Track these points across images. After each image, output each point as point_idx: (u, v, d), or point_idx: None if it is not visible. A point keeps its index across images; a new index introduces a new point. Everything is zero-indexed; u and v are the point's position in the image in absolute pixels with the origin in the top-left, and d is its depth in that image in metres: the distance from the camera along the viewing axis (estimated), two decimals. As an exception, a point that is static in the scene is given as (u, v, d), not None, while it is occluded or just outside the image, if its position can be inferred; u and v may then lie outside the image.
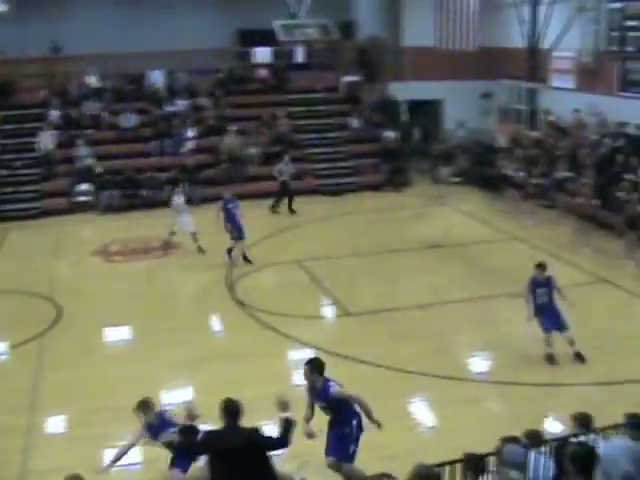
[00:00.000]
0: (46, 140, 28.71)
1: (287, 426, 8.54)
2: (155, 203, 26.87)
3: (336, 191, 28.54)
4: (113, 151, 29.07)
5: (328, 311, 17.65)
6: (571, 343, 14.16)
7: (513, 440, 7.87)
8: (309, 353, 14.87)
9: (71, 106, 30.51)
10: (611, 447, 6.61)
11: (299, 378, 13.93)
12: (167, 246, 22.23)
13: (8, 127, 29.89)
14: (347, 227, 24.40)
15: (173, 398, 13.21)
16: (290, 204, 26.03)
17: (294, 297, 18.10)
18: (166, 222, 21.96)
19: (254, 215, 25.20)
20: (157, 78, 31.85)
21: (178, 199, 22.24)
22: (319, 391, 10.29)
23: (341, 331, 16.45)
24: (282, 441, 8.60)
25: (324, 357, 14.54)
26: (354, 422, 10.48)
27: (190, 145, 29.33)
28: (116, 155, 28.89)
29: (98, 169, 27.93)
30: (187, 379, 13.95)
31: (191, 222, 21.71)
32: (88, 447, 11.14)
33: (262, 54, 32.98)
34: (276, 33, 33.48)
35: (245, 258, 20.40)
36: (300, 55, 33.45)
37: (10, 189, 27.85)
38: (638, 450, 6.55)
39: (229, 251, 20.43)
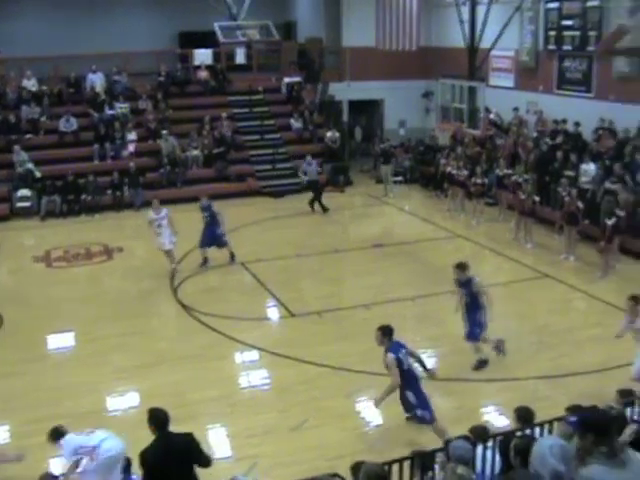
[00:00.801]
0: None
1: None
2: (97, 207, 26.64)
3: (278, 192, 28.51)
4: (53, 156, 28.65)
5: (273, 312, 17.61)
6: (476, 350, 14.09)
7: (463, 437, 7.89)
8: (254, 355, 14.88)
9: (8, 110, 30.01)
10: (540, 445, 6.68)
11: (245, 380, 13.99)
12: (111, 250, 22.05)
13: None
14: (290, 228, 24.38)
15: (119, 404, 13.11)
16: (320, 202, 26.14)
17: (239, 299, 18.05)
18: (108, 226, 21.72)
19: (195, 219, 25.10)
20: (97, 81, 31.47)
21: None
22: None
23: (286, 332, 16.43)
24: (208, 461, 8.55)
25: (269, 359, 14.64)
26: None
27: (131, 148, 29.08)
28: (56, 160, 28.49)
29: (38, 174, 27.52)
30: (133, 385, 13.81)
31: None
32: (32, 457, 10.96)
33: (203, 56, 32.81)
34: (216, 35, 33.39)
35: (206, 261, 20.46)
36: (241, 56, 33.36)
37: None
38: (568, 448, 6.63)
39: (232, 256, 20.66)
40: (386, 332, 11.51)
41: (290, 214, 25.87)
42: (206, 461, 8.50)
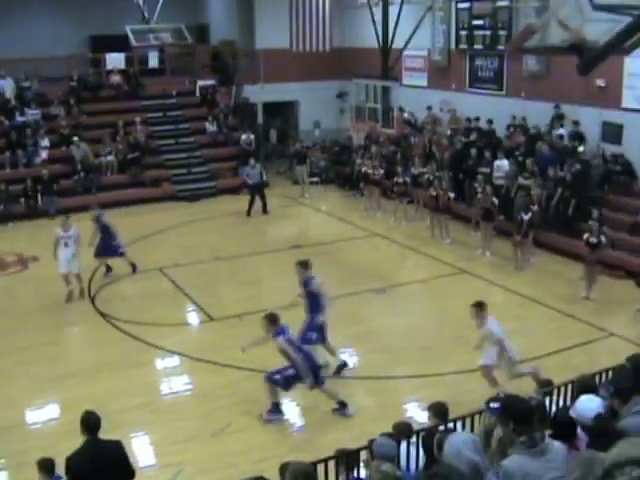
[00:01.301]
0: None
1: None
2: (10, 216, 26.06)
3: (194, 196, 28.32)
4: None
5: (192, 317, 17.47)
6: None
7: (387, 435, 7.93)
8: (175, 361, 14.75)
9: None
10: (453, 441, 6.79)
11: (166, 387, 13.84)
12: (26, 260, 21.63)
13: None
14: (207, 232, 24.18)
15: (38, 417, 12.85)
16: (264, 204, 26.02)
17: (157, 305, 17.85)
18: (22, 235, 21.30)
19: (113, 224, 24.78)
20: (6, 87, 30.81)
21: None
22: None
23: (206, 337, 16.32)
24: (132, 471, 8.37)
25: (190, 364, 14.52)
26: None
27: (44, 155, 28.53)
28: (-35, 168, 27.87)
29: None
30: (51, 397, 13.55)
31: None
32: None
33: (115, 60, 32.41)
34: (130, 38, 33.02)
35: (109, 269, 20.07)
36: (154, 60, 33.05)
37: None
38: (479, 440, 6.78)
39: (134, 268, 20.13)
40: (272, 319, 12.17)
41: (206, 218, 25.72)
42: (131, 472, 8.34)
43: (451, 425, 8.17)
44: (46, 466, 8.75)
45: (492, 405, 7.33)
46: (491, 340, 12.27)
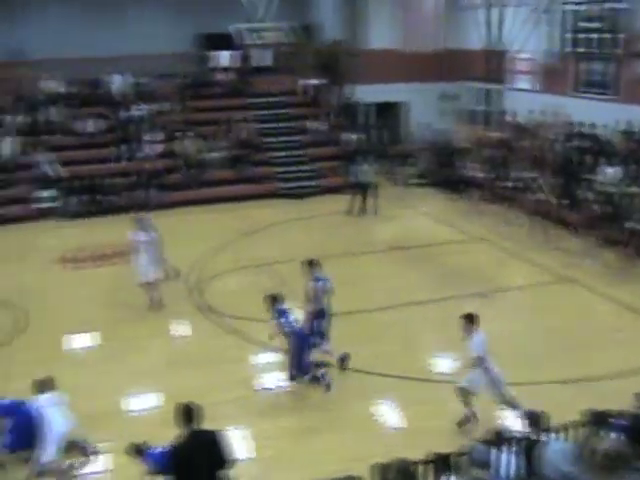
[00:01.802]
0: (6, 146, 28.44)
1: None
2: (117, 208, 26.72)
3: (297, 194, 28.51)
4: (75, 157, 28.83)
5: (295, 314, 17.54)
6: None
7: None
8: (273, 357, 14.85)
9: (32, 111, 30.24)
10: (549, 450, 6.67)
11: (263, 382, 13.96)
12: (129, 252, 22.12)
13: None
14: (309, 230, 24.37)
15: (138, 405, 13.15)
16: (364, 203, 25.98)
17: (258, 301, 17.94)
18: (130, 227, 21.59)
19: (218, 219, 25.24)
20: (118, 83, 31.67)
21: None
22: None
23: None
24: (232, 460, 8.65)
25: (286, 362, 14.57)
26: None
27: (151, 150, 29.18)
28: (78, 161, 28.65)
29: (60, 175, 27.70)
30: (151, 386, 13.87)
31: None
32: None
33: (224, 58, 32.93)
34: (237, 37, 33.43)
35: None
36: (261, 59, 33.41)
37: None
38: (575, 450, 6.65)
39: None
40: (274, 299, 13.44)
41: (309, 216, 25.88)
42: (230, 460, 8.58)
43: (546, 434, 8.07)
44: (137, 449, 9.22)
45: (618, 422, 7.14)
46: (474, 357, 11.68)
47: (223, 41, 33.40)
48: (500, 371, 11.80)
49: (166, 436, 8.69)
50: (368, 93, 32.49)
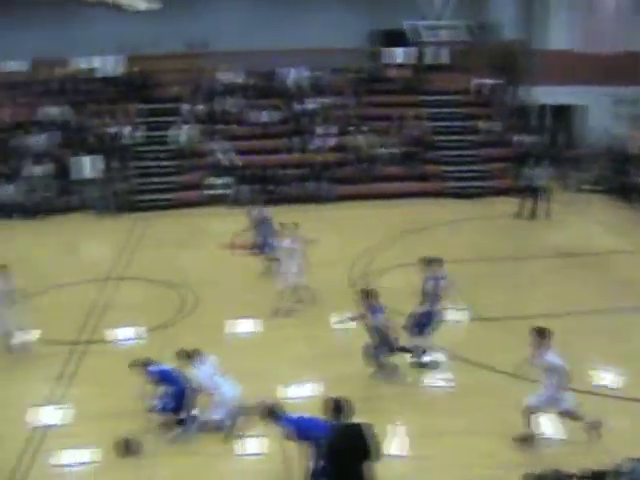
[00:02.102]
0: (183, 134, 29.61)
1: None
2: (289, 199, 27.42)
3: (466, 194, 28.41)
4: (250, 147, 29.78)
5: (455, 314, 17.55)
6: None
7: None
8: (437, 356, 14.95)
9: (210, 101, 31.38)
10: None
11: (425, 379, 14.07)
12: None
13: (149, 120, 31.07)
14: (475, 231, 24.21)
15: (300, 392, 13.55)
16: (535, 207, 25.59)
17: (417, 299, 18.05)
18: (300, 218, 22.07)
19: (384, 215, 25.44)
20: (294, 76, 32.43)
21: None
22: None
23: (464, 335, 16.40)
24: (379, 453, 8.92)
25: (450, 361, 14.67)
26: None
27: (324, 143, 29.72)
28: (252, 150, 29.60)
29: (234, 164, 28.62)
30: (315, 374, 14.21)
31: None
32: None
33: (400, 54, 33.15)
34: (412, 33, 33.53)
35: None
36: (437, 56, 33.43)
37: (147, 180, 28.94)
38: None
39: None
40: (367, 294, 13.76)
41: (476, 217, 25.77)
42: (377, 453, 8.83)
43: None
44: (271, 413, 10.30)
45: None
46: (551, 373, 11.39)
47: (398, 37, 33.62)
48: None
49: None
50: (543, 94, 31.99)
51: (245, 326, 16.72)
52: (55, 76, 32.47)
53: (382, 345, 13.68)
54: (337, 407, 8.86)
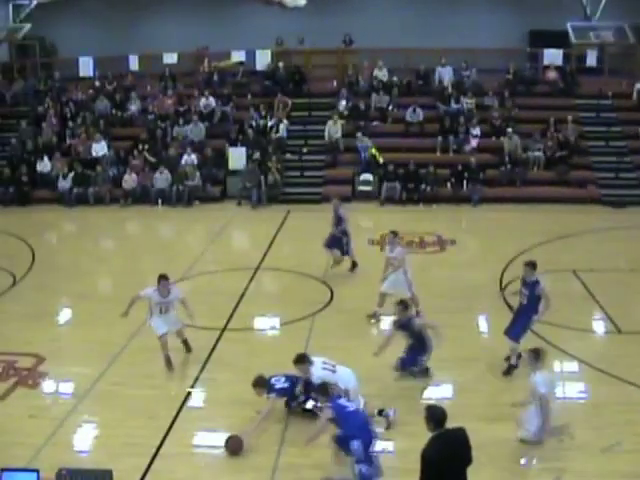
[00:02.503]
0: (333, 129, 29.80)
1: None
2: (435, 198, 27.31)
3: (620, 202, 27.43)
4: (397, 144, 29.78)
5: (599, 326, 17.07)
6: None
7: None
8: (574, 366, 14.57)
9: (359, 97, 31.50)
10: None
11: (560, 391, 13.71)
12: (444, 242, 22.52)
13: (297, 114, 31.39)
14: (628, 241, 23.24)
15: (432, 394, 13.45)
16: None
17: (565, 307, 17.58)
18: (444, 218, 21.89)
19: (530, 220, 24.98)
20: (445, 75, 32.22)
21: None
22: None
23: (609, 348, 15.88)
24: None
25: (589, 373, 14.24)
26: None
27: (474, 144, 29.41)
28: (400, 148, 29.56)
29: (381, 161, 28.66)
30: (449, 376, 14.13)
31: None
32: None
33: (553, 56, 32.38)
34: (568, 35, 32.70)
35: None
36: (592, 59, 32.50)
37: (295, 173, 29.27)
38: None
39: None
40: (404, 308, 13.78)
41: (631, 226, 24.79)
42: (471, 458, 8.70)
43: None
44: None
45: None
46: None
47: (555, 39, 32.83)
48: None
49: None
50: None
51: (386, 323, 16.65)
52: (213, 68, 33.31)
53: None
54: (434, 416, 8.68)
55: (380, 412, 12.17)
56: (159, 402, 13.16)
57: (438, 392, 13.56)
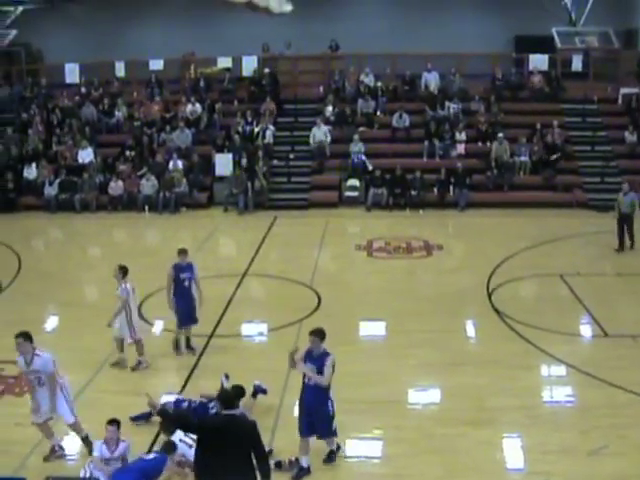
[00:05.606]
0: (319, 134, 29.80)
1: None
2: (422, 204, 27.33)
3: (603, 207, 27.45)
4: (384, 150, 29.81)
5: (586, 330, 17.11)
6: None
7: None
8: (562, 370, 14.60)
9: (345, 103, 31.52)
10: None
11: (548, 394, 13.77)
12: (431, 247, 22.55)
13: (283, 120, 31.37)
14: (614, 245, 23.20)
15: (418, 398, 13.45)
16: None
17: (552, 311, 17.70)
18: (431, 223, 22.01)
19: (517, 224, 25.05)
20: (431, 80, 32.29)
21: None
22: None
23: (596, 352, 15.91)
24: (264, 452, 8.97)
25: (576, 376, 14.28)
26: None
27: (460, 149, 29.47)
28: (387, 154, 29.60)
29: (368, 166, 28.69)
30: (435, 381, 14.11)
31: None
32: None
33: (538, 61, 32.46)
34: (554, 40, 32.80)
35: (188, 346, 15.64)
36: (577, 64, 32.56)
37: (282, 179, 29.30)
38: None
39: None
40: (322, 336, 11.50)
41: (614, 230, 24.83)
42: (262, 452, 8.83)
43: None
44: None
45: None
46: None
47: (541, 44, 32.93)
48: None
49: (445, 433, 8.80)
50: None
51: (373, 328, 16.70)
52: (199, 74, 33.31)
53: None
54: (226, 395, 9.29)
55: None
56: (146, 409, 13.11)
57: (425, 397, 13.53)
